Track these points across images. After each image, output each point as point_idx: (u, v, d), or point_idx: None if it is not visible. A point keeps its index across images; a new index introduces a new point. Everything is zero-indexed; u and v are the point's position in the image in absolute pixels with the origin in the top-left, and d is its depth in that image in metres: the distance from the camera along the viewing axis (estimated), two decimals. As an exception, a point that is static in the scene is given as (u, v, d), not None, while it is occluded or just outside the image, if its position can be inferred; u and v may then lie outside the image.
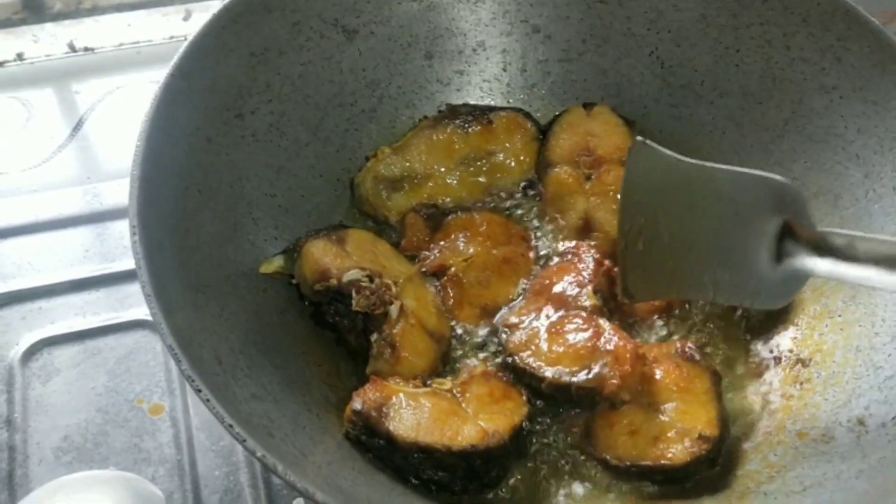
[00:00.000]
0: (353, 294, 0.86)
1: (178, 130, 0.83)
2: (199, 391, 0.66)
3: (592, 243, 0.95)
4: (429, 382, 0.84)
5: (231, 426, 0.65)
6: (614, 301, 0.90)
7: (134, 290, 1.05)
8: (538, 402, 0.85)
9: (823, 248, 0.75)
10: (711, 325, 0.93)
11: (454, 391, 0.82)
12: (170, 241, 0.78)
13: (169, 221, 0.79)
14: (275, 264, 0.90)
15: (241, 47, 0.91)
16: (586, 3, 1.04)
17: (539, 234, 0.99)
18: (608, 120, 1.01)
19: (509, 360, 0.86)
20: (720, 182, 0.79)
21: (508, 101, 1.07)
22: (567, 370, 0.83)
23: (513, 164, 1.02)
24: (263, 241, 0.91)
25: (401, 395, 0.80)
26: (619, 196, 0.85)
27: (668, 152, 0.80)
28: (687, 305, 0.93)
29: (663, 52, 1.03)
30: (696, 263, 0.82)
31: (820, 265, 0.76)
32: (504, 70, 1.07)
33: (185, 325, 0.72)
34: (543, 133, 1.03)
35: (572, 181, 1.00)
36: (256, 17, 0.92)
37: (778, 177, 0.77)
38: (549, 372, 0.84)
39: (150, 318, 0.99)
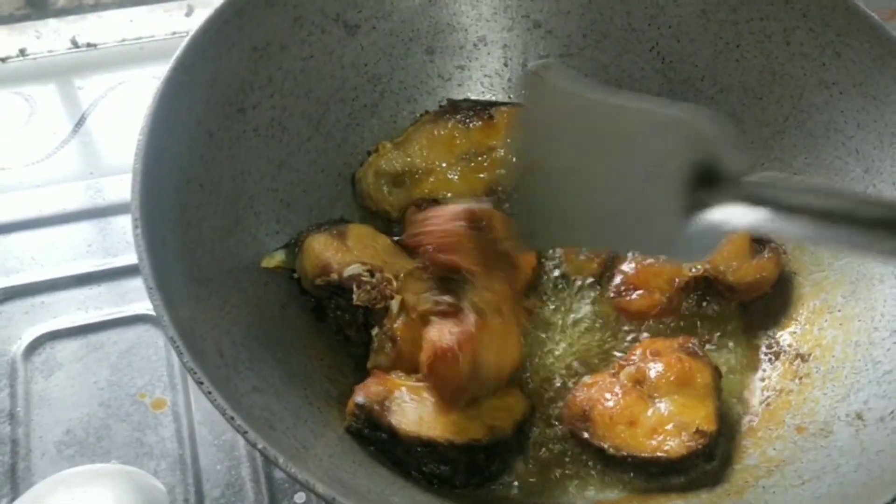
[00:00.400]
0: (354, 288, 0.86)
1: (180, 125, 0.84)
2: (201, 383, 0.66)
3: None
4: (430, 376, 0.84)
5: (232, 418, 0.65)
6: (613, 303, 0.90)
7: (136, 284, 1.05)
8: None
9: (744, 197, 0.61)
10: (711, 322, 0.94)
11: (455, 385, 0.83)
12: (172, 235, 0.78)
13: (171, 215, 0.79)
14: (276, 258, 0.90)
15: (243, 41, 0.91)
16: (587, -2, 1.05)
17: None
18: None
19: None
20: (626, 120, 0.68)
21: (509, 97, 1.07)
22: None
23: (514, 159, 1.02)
24: (265, 236, 0.92)
25: (403, 388, 0.80)
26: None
27: (568, 84, 0.70)
28: (686, 302, 0.94)
29: (664, 47, 1.03)
30: (595, 209, 0.71)
31: (739, 217, 0.61)
32: (505, 65, 1.07)
33: (186, 318, 0.72)
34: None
35: None
36: (259, 12, 0.92)
37: (695, 115, 0.65)
38: None
39: (152, 312, 1.01)
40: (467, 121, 1.01)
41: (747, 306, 0.94)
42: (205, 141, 0.87)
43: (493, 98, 1.08)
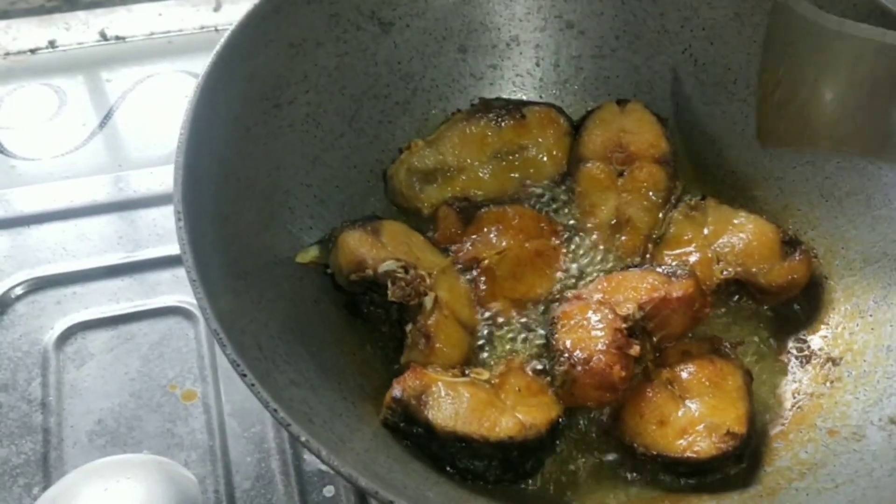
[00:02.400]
0: (389, 284, 0.86)
1: (219, 120, 0.84)
2: (245, 376, 0.67)
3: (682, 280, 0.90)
4: (467, 372, 0.84)
5: (276, 411, 0.66)
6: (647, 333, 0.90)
7: (166, 277, 1.06)
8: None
9: None
10: (742, 324, 0.94)
11: (492, 382, 0.83)
12: (211, 228, 0.79)
13: (210, 209, 0.80)
14: (311, 254, 0.90)
15: (280, 38, 0.92)
16: (620, -1, 1.05)
17: (571, 230, 1.00)
18: (641, 117, 1.01)
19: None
20: (860, 48, 0.85)
21: (541, 96, 1.08)
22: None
23: (545, 158, 1.02)
24: (299, 231, 0.92)
25: (440, 384, 0.80)
26: (763, 50, 0.95)
27: (811, 13, 0.87)
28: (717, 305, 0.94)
29: (697, 49, 1.03)
30: (831, 115, 0.89)
31: None
32: (537, 65, 1.08)
33: (227, 311, 0.73)
34: (576, 129, 1.03)
35: (604, 177, 1.00)
36: (296, 8, 0.92)
37: None
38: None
39: (182, 304, 1.03)
40: (499, 120, 1.02)
41: (778, 309, 0.95)
42: (242, 136, 0.88)
43: (525, 98, 1.08)
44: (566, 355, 0.83)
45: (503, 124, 1.02)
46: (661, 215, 0.99)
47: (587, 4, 1.05)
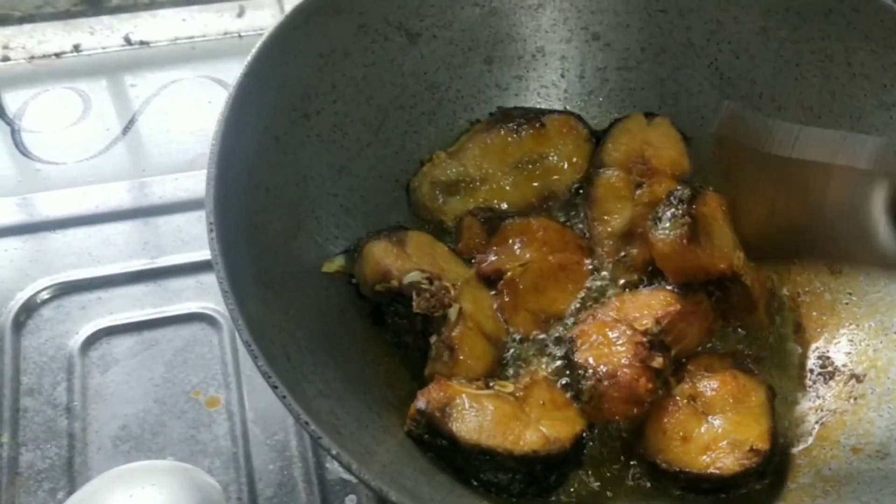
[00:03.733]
0: (414, 296, 0.87)
1: (250, 129, 0.85)
2: (276, 388, 0.67)
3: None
4: (492, 385, 0.84)
5: (307, 423, 0.66)
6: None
7: (190, 283, 1.07)
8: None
9: None
10: (764, 340, 0.94)
11: (516, 395, 0.83)
12: (242, 238, 0.79)
13: (240, 219, 0.81)
14: (336, 263, 0.91)
15: (310, 48, 0.92)
16: (647, 12, 1.05)
17: (588, 237, 1.00)
18: (667, 133, 1.02)
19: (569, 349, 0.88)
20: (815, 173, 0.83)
21: (566, 108, 1.08)
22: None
23: (566, 166, 1.02)
24: (325, 240, 0.93)
25: (464, 396, 0.81)
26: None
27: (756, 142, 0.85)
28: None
29: (722, 63, 1.03)
30: (791, 233, 0.88)
31: None
32: (562, 76, 1.08)
33: (257, 320, 0.73)
34: (596, 137, 1.04)
35: (622, 186, 1.00)
36: (326, 19, 0.93)
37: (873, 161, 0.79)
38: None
39: (206, 311, 1.03)
40: (519, 129, 1.02)
41: (799, 325, 0.95)
42: (271, 146, 0.88)
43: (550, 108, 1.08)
44: (590, 371, 0.84)
45: (523, 133, 1.02)
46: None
47: (613, 17, 1.06)
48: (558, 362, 0.90)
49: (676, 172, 1.00)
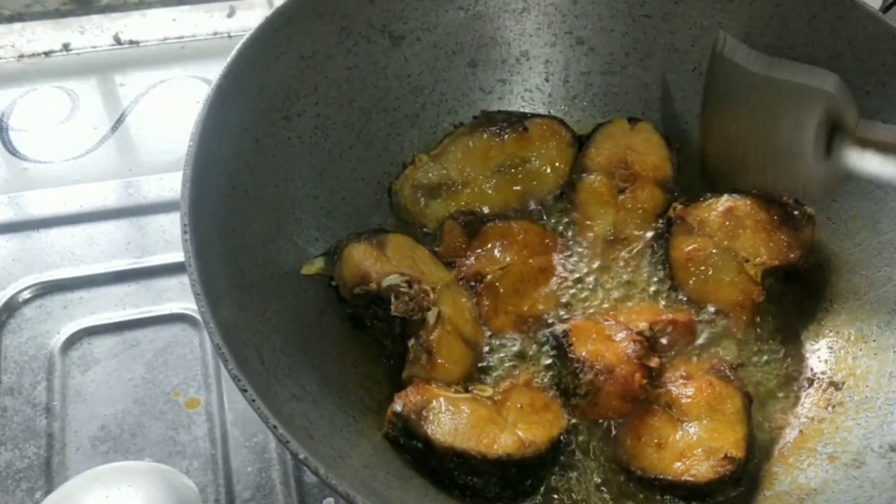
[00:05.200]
0: (392, 299, 0.87)
1: (228, 131, 0.85)
2: (245, 391, 0.67)
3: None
4: (471, 388, 0.85)
5: (275, 427, 0.66)
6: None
7: (172, 283, 1.07)
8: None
9: (867, 142, 0.88)
10: (744, 345, 0.94)
11: (494, 398, 0.84)
12: (218, 240, 0.79)
13: (217, 221, 0.81)
14: (316, 266, 0.91)
15: (291, 50, 0.92)
16: (631, 17, 1.05)
17: (571, 243, 1.00)
18: (650, 138, 1.02)
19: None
20: (784, 90, 0.92)
21: (550, 111, 1.08)
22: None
23: (548, 170, 1.03)
24: (305, 242, 0.93)
25: (441, 399, 0.81)
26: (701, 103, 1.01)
27: (743, 62, 0.95)
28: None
29: (706, 68, 1.03)
30: (760, 155, 0.96)
31: (864, 159, 0.89)
32: (546, 80, 1.08)
33: (231, 323, 0.73)
34: (579, 141, 1.04)
35: (605, 191, 1.00)
36: (307, 21, 0.93)
37: (828, 87, 0.90)
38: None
39: (188, 312, 1.03)
40: (502, 133, 1.02)
41: (782, 328, 0.94)
42: (251, 147, 0.88)
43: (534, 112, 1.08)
44: (588, 365, 0.84)
45: (506, 137, 1.02)
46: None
47: (598, 21, 1.06)
48: (540, 363, 0.90)
49: (659, 177, 1.01)
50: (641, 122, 1.03)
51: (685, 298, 0.95)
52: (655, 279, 0.96)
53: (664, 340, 0.91)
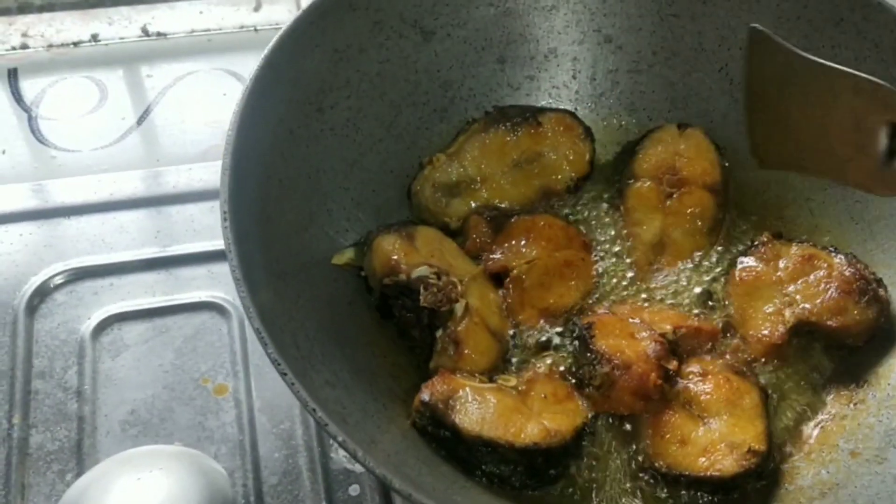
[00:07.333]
0: (421, 290, 0.88)
1: (265, 122, 0.86)
2: (285, 374, 0.69)
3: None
4: (495, 378, 0.86)
5: (314, 410, 0.67)
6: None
7: (201, 272, 1.08)
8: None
9: None
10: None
11: (518, 388, 0.85)
12: (255, 228, 0.81)
13: (254, 209, 0.82)
14: (346, 256, 0.92)
15: (325, 43, 0.94)
16: (659, 16, 1.06)
17: (601, 238, 1.01)
18: (699, 143, 1.02)
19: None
20: (834, 79, 0.85)
21: (576, 109, 1.09)
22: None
23: (564, 163, 1.03)
24: (335, 233, 0.94)
25: (467, 389, 0.82)
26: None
27: (788, 46, 0.87)
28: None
29: (733, 68, 1.04)
30: (817, 144, 0.89)
31: None
32: (574, 77, 1.09)
33: (268, 309, 0.74)
34: (590, 133, 1.05)
35: (653, 196, 1.01)
36: (342, 15, 0.94)
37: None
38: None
39: (216, 299, 1.05)
40: (515, 128, 1.02)
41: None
42: (286, 138, 0.89)
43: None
44: (606, 358, 0.85)
45: (519, 132, 1.02)
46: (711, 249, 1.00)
47: (626, 20, 1.07)
48: (563, 353, 0.91)
49: (708, 182, 1.01)
50: (690, 128, 1.03)
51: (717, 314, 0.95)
52: (697, 289, 0.97)
53: (687, 347, 0.92)
